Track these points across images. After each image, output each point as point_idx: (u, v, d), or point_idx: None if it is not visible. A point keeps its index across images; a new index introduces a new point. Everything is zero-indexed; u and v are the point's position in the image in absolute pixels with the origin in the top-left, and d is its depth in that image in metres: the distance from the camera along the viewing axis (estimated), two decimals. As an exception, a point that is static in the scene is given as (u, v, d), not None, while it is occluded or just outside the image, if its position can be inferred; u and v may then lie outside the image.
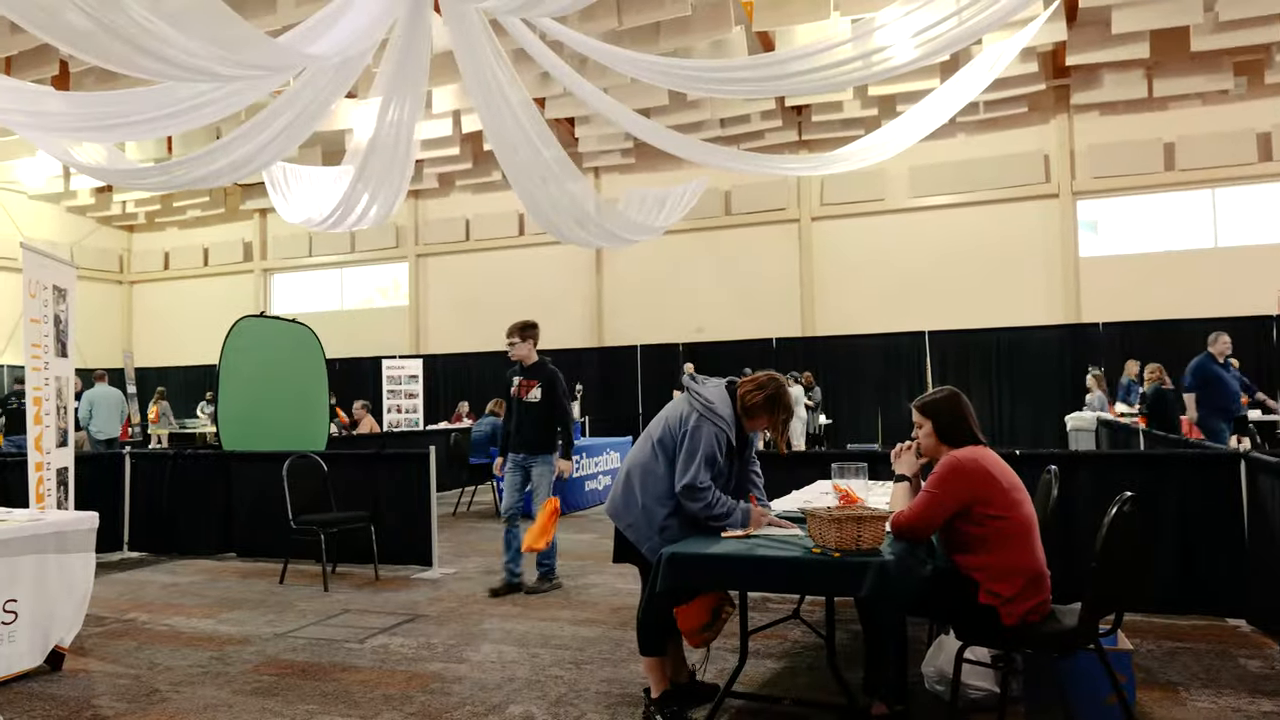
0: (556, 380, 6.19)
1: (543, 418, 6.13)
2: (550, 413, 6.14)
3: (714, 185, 16.02)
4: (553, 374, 6.21)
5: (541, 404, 6.13)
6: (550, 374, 6.20)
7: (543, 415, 6.13)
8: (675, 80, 7.71)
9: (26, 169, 17.04)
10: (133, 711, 3.92)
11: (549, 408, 6.14)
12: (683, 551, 3.19)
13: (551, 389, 6.15)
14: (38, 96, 6.40)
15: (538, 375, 6.20)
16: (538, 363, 6.26)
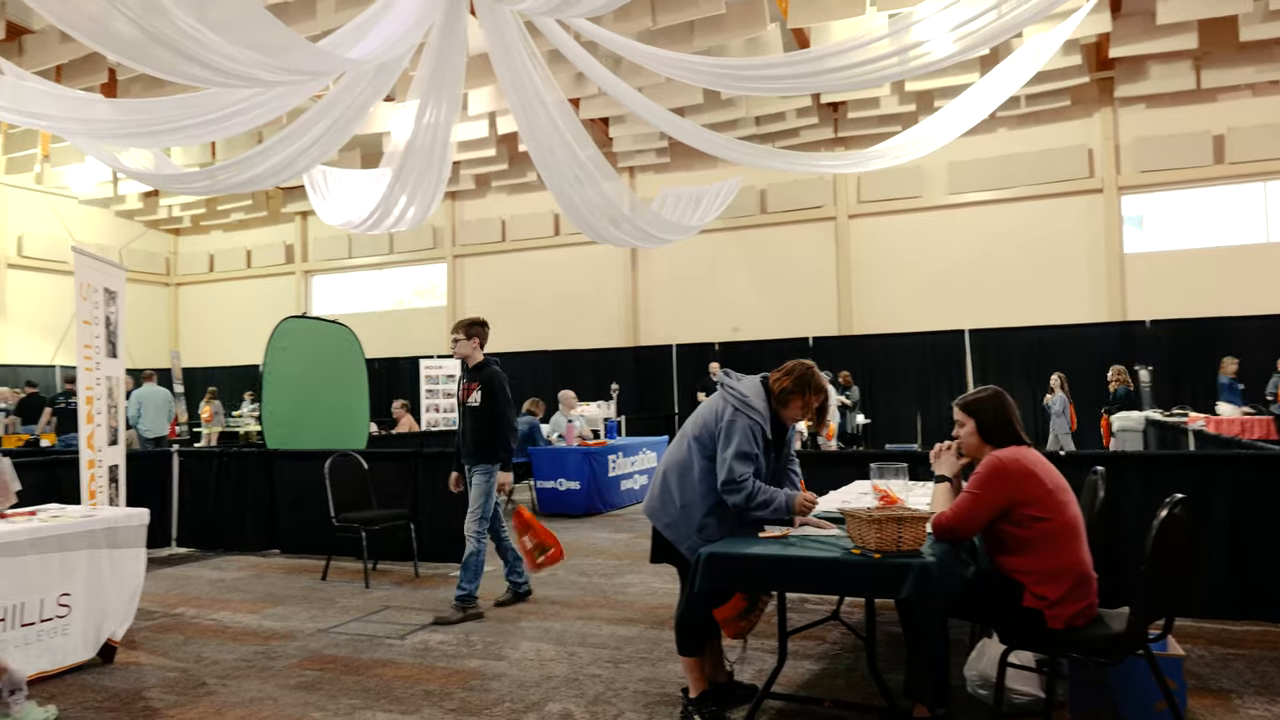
0: (495, 382, 5.61)
1: (482, 424, 5.58)
2: (490, 419, 5.57)
3: (749, 184, 15.96)
4: (492, 375, 5.65)
5: (481, 409, 5.58)
6: (489, 375, 5.64)
7: (482, 421, 5.58)
8: (710, 78, 7.70)
9: (77, 175, 17.50)
10: (181, 704, 4.00)
11: (488, 413, 5.57)
12: (721, 551, 3.18)
13: (490, 392, 5.59)
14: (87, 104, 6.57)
15: (478, 377, 5.67)
16: (481, 363, 5.72)
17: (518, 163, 16.90)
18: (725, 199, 9.80)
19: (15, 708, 3.70)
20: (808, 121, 14.68)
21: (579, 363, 17.57)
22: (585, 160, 8.13)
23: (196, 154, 15.19)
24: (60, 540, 4.48)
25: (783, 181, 16.46)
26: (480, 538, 5.54)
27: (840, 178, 16.17)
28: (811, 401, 3.61)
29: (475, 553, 5.51)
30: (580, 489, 9.81)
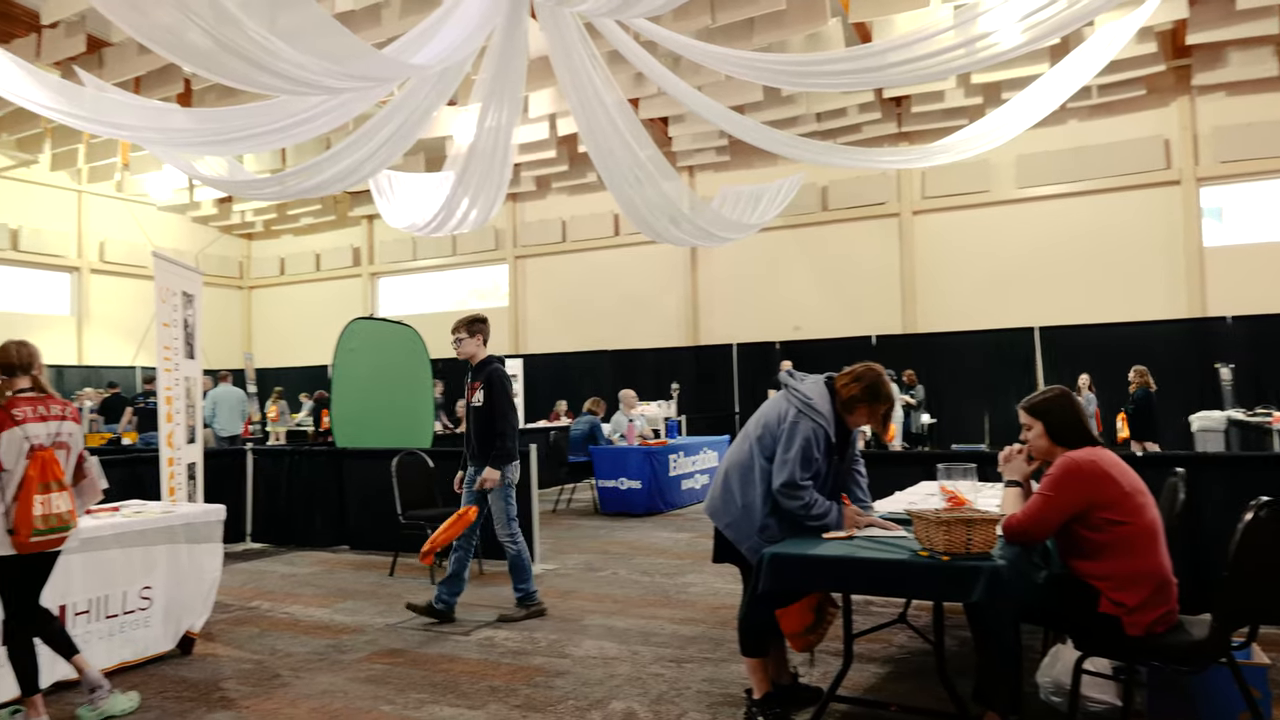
0: (495, 379, 5.43)
1: (486, 424, 5.41)
2: (491, 418, 5.40)
3: (810, 181, 15.79)
4: (492, 373, 5.46)
5: (484, 408, 5.42)
6: (491, 373, 5.46)
7: (485, 421, 5.41)
8: (770, 75, 7.64)
9: (155, 183, 18.19)
10: (256, 695, 4.13)
11: (491, 411, 5.41)
12: (785, 552, 3.15)
13: (490, 389, 5.41)
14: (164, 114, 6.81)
15: (480, 375, 5.50)
16: (483, 361, 5.54)
17: (578, 164, 17.00)
18: (786, 197, 9.71)
19: (100, 702, 3.86)
20: (870, 117, 14.46)
21: (639, 362, 17.61)
22: (645, 160, 8.14)
23: (268, 160, 15.63)
24: (142, 535, 4.66)
25: (844, 178, 16.25)
26: (515, 538, 5.43)
27: (904, 173, 15.89)
28: (878, 410, 3.54)
29: (517, 554, 5.44)
30: (641, 488, 9.83)
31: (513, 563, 5.46)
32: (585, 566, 7.02)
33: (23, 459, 3.64)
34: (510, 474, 5.45)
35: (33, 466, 3.63)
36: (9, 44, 11.89)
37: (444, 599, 5.38)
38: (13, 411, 3.66)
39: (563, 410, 15.24)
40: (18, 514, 3.58)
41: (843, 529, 3.39)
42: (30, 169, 17.80)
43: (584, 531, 8.84)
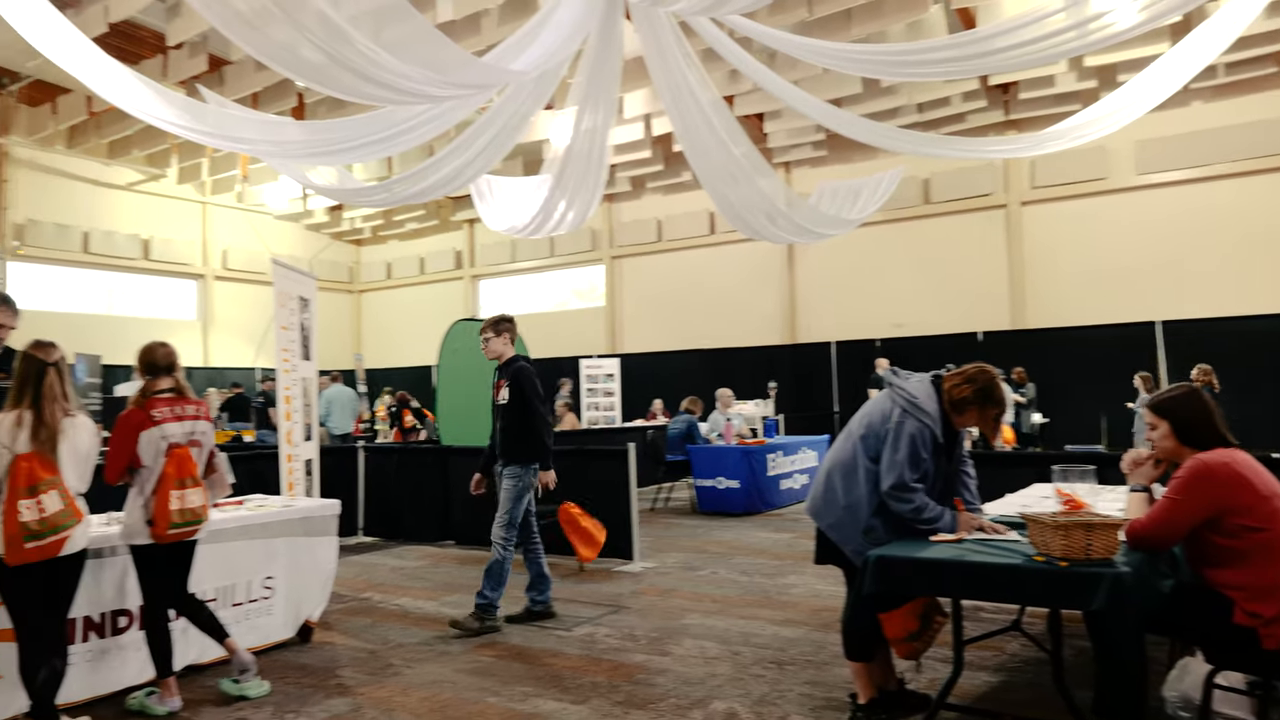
0: (522, 377, 5.33)
1: (510, 422, 5.32)
2: (519, 416, 5.30)
3: (912, 173, 15.36)
4: (519, 370, 5.37)
5: (510, 406, 5.31)
6: (516, 371, 5.37)
7: (510, 419, 5.32)
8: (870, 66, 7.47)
9: (272, 193, 19.16)
10: (371, 683, 4.29)
11: (518, 410, 5.30)
12: (891, 554, 3.08)
13: (519, 387, 5.31)
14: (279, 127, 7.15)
15: (506, 373, 5.42)
16: (509, 360, 5.46)
17: (673, 163, 17.02)
18: (886, 190, 9.47)
19: (245, 681, 4.09)
20: (975, 105, 13.98)
21: (736, 361, 17.50)
22: (740, 158, 8.09)
23: (375, 169, 16.22)
24: (264, 528, 4.90)
25: (948, 169, 15.77)
26: (507, 545, 5.25)
27: (1012, 163, 15.30)
28: (989, 414, 3.41)
29: (500, 560, 5.23)
30: (739, 488, 9.77)
31: (490, 566, 5.24)
32: (684, 565, 7.02)
33: (160, 457, 3.89)
34: (528, 477, 5.33)
35: (170, 464, 3.88)
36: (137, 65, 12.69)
37: (539, 600, 5.44)
38: (152, 412, 3.91)
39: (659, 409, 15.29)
40: (156, 508, 3.83)
41: (955, 532, 3.29)
42: (159, 183, 18.97)
43: (682, 530, 8.85)
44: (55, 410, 3.53)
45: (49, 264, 17.68)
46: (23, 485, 3.36)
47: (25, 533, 3.34)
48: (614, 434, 13.16)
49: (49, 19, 5.34)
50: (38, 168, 17.35)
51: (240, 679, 4.09)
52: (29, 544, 3.35)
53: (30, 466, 3.40)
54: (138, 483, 3.90)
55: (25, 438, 3.44)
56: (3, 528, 3.34)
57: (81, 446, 3.68)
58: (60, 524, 3.43)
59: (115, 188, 18.63)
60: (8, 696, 3.68)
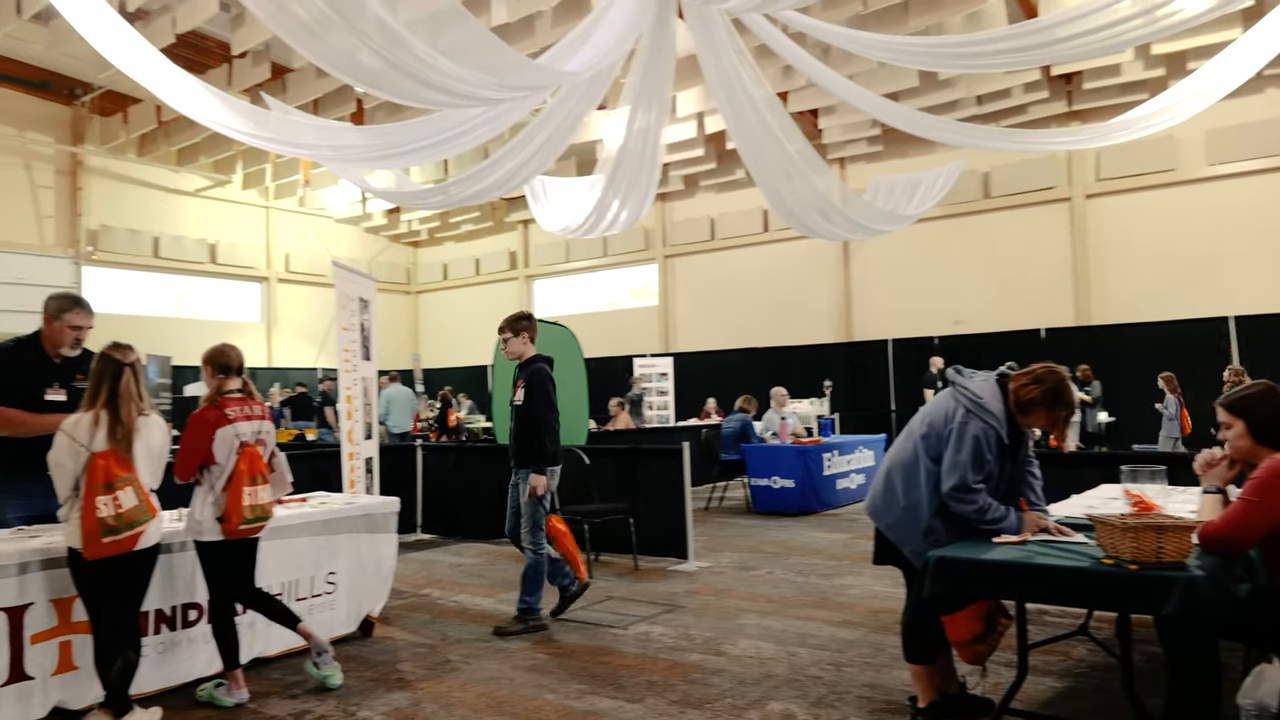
0: (535, 379, 5.22)
1: (523, 424, 5.22)
2: (530, 418, 5.19)
3: (971, 167, 15.06)
4: (534, 372, 5.26)
5: (524, 408, 5.21)
6: (534, 372, 5.26)
7: (523, 421, 5.22)
8: (927, 59, 7.35)
9: (332, 197, 19.59)
10: (430, 677, 4.36)
11: (530, 412, 5.19)
12: (953, 556, 3.01)
13: (530, 389, 5.20)
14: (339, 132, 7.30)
15: (523, 374, 5.33)
16: (528, 360, 5.37)
17: (726, 161, 16.95)
18: (944, 185, 9.30)
19: (324, 666, 4.20)
20: (1037, 96, 13.66)
21: (790, 359, 17.36)
22: (794, 154, 8.02)
23: (431, 172, 16.48)
24: (326, 524, 5.01)
25: (1008, 163, 15.41)
26: (538, 548, 5.22)
27: (1076, 155, 14.89)
28: (1058, 416, 3.31)
29: (534, 565, 5.21)
30: (794, 487, 9.69)
31: (526, 571, 5.23)
32: (739, 565, 6.99)
33: (233, 454, 4.01)
34: (548, 479, 5.23)
35: (242, 461, 4.00)
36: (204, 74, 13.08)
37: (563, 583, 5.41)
38: (226, 411, 4.04)
39: (713, 408, 15.25)
40: (228, 503, 3.95)
41: (1021, 533, 3.21)
42: (225, 188, 19.54)
43: (737, 530, 8.81)
44: (130, 410, 3.66)
45: (121, 268, 18.32)
46: (100, 482, 3.49)
47: (102, 528, 3.46)
48: (668, 433, 13.17)
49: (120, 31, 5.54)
50: (110, 175, 17.99)
51: (319, 661, 4.20)
52: (106, 539, 3.48)
53: (107, 464, 3.52)
54: (207, 480, 4.02)
55: (102, 436, 3.57)
56: (81, 523, 3.47)
57: (155, 444, 3.81)
58: (135, 519, 3.55)
59: (183, 194, 19.23)
60: (83, 686, 3.83)
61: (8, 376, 4.20)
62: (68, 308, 4.30)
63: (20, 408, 4.11)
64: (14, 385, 4.17)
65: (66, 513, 3.56)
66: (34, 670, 3.72)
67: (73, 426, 3.59)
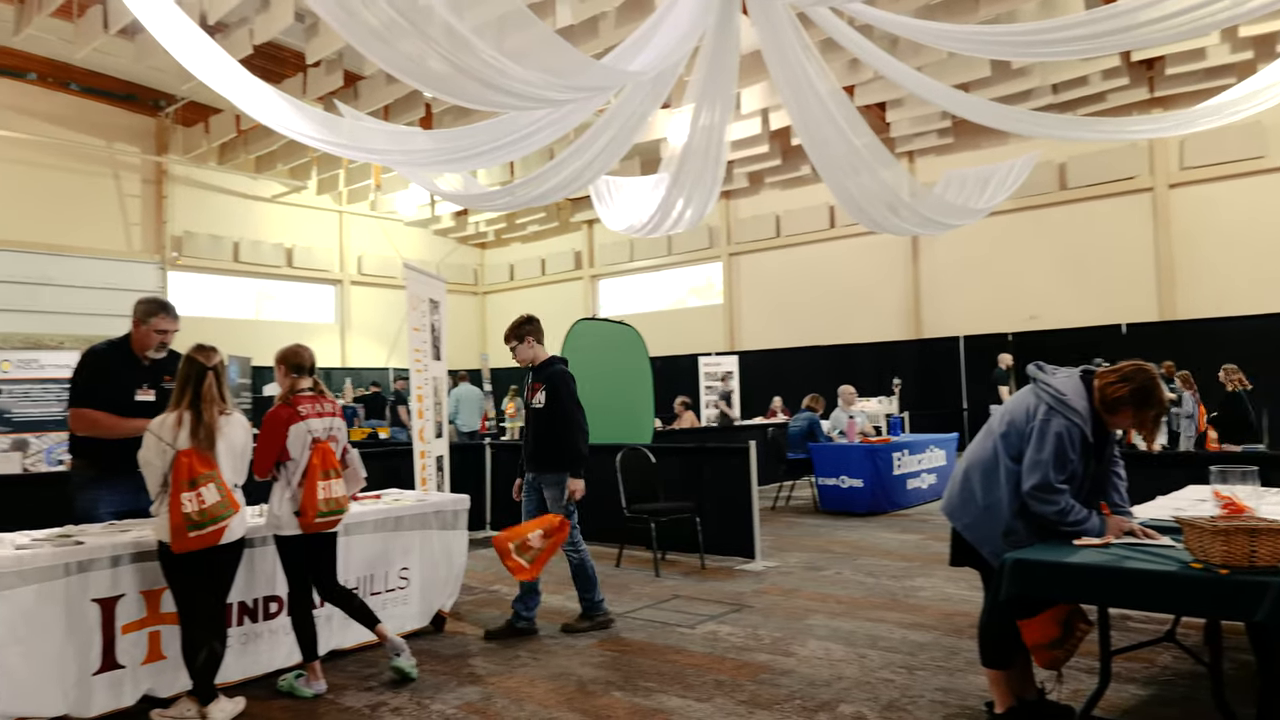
0: (557, 381, 5.14)
1: (545, 428, 5.15)
2: (555, 422, 5.12)
3: (1046, 158, 14.60)
4: (554, 374, 5.19)
5: (545, 411, 5.14)
6: (554, 374, 5.20)
7: (545, 425, 5.15)
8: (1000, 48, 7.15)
9: (402, 200, 20.01)
10: (500, 672, 4.42)
11: (553, 415, 5.11)
12: (1032, 558, 2.93)
13: (554, 392, 5.12)
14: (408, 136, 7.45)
15: (541, 376, 5.24)
16: (545, 361, 5.31)
17: (791, 157, 16.78)
18: (1018, 177, 9.05)
19: (403, 660, 4.31)
20: (1116, 83, 13.18)
21: (858, 357, 17.10)
22: (861, 148, 7.89)
23: (498, 174, 16.70)
24: (399, 521, 5.12)
25: (1086, 152, 14.91)
26: (578, 545, 5.19)
27: (1158, 143, 14.33)
28: (1147, 416, 3.17)
29: (579, 564, 5.20)
30: (863, 487, 9.55)
31: (575, 571, 5.23)
32: (807, 565, 6.92)
33: (306, 450, 4.13)
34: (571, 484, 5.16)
35: (315, 456, 4.13)
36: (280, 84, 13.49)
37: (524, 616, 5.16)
38: (299, 408, 4.17)
39: (779, 406, 15.12)
40: (304, 498, 4.07)
41: (1104, 536, 3.09)
42: (300, 194, 20.12)
43: (804, 529, 8.72)
44: (212, 410, 3.80)
45: (203, 272, 19.02)
46: (184, 479, 3.63)
47: (187, 523, 3.60)
48: (733, 432, 13.10)
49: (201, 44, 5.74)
50: (192, 183, 18.69)
51: (400, 658, 4.30)
52: (191, 533, 3.61)
53: (190, 462, 3.66)
54: (284, 476, 4.15)
55: (185, 435, 3.71)
56: (168, 518, 3.62)
57: (237, 442, 3.94)
58: (219, 514, 3.69)
59: (261, 200, 19.87)
60: (171, 675, 3.99)
61: (100, 377, 4.41)
62: (154, 312, 4.49)
63: (111, 407, 4.31)
64: (106, 386, 4.37)
65: (157, 508, 3.72)
66: (125, 659, 3.88)
67: (159, 426, 3.74)
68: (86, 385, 4.39)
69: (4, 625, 3.48)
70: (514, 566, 4.78)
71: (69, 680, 3.68)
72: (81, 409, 4.34)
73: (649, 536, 6.88)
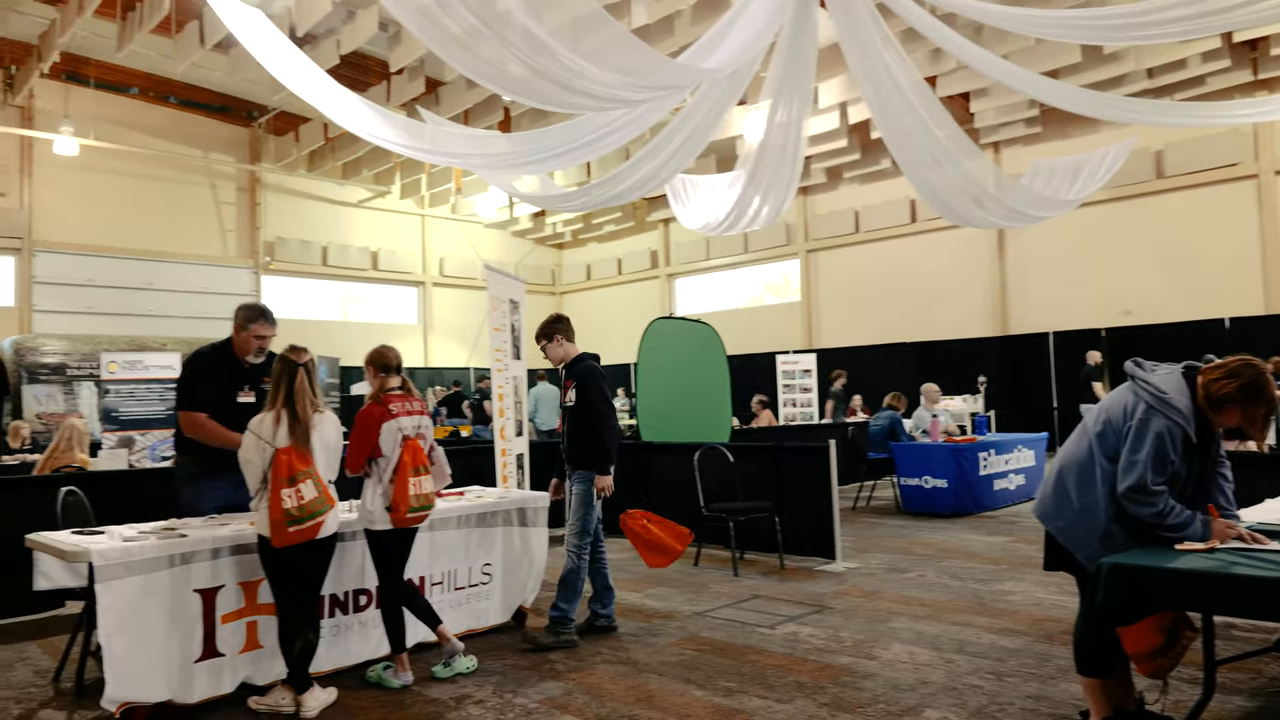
0: (586, 377, 5.07)
1: (576, 425, 5.05)
2: (583, 419, 5.01)
3: (1141, 145, 14.00)
4: (584, 370, 5.11)
5: (576, 408, 5.04)
6: (583, 370, 5.11)
7: (576, 422, 5.05)
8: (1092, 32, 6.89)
9: (482, 203, 20.40)
10: (581, 668, 4.46)
11: (582, 412, 5.02)
12: (1131, 563, 2.80)
13: (584, 387, 5.04)
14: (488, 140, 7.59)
15: (572, 373, 5.16)
16: (576, 359, 5.23)
17: (870, 151, 16.50)
18: (1112, 166, 8.70)
19: (453, 662, 4.39)
20: (1216, 66, 12.54)
21: (941, 354, 16.70)
22: (944, 140, 7.70)
23: (574, 175, 16.86)
24: (482, 517, 5.22)
25: (1185, 139, 14.25)
26: (580, 553, 4.99)
27: (1262, 128, 13.60)
28: (1256, 414, 2.99)
29: (574, 570, 4.97)
30: (947, 487, 9.31)
31: (565, 577, 4.97)
32: (889, 567, 6.78)
33: (397, 447, 4.25)
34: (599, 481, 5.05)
35: (406, 453, 4.24)
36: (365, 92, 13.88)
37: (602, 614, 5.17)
38: (389, 406, 4.29)
39: (858, 405, 14.86)
40: (395, 494, 4.19)
41: (1209, 541, 2.94)
42: (384, 199, 20.70)
43: (886, 530, 8.55)
44: (305, 405, 3.93)
45: (294, 276, 19.73)
46: (283, 476, 3.77)
47: (287, 518, 3.74)
48: (812, 431, 12.94)
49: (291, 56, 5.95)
50: (284, 190, 19.42)
51: (449, 661, 4.38)
52: (291, 528, 3.75)
53: (289, 459, 3.80)
54: (376, 472, 4.27)
55: (284, 433, 3.85)
56: (269, 514, 3.76)
57: (330, 439, 4.08)
58: (316, 510, 3.82)
59: (348, 205, 20.52)
60: (267, 664, 4.15)
61: (206, 379, 4.62)
62: (254, 318, 4.68)
63: (215, 408, 4.53)
64: (210, 388, 4.57)
65: (257, 504, 3.88)
66: (224, 648, 4.05)
67: (258, 425, 3.90)
68: (192, 388, 4.61)
69: (113, 614, 3.67)
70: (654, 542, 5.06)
71: (173, 667, 3.86)
72: (190, 412, 4.55)
73: (727, 535, 6.84)
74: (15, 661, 4.78)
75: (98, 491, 5.32)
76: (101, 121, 16.05)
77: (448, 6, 4.61)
